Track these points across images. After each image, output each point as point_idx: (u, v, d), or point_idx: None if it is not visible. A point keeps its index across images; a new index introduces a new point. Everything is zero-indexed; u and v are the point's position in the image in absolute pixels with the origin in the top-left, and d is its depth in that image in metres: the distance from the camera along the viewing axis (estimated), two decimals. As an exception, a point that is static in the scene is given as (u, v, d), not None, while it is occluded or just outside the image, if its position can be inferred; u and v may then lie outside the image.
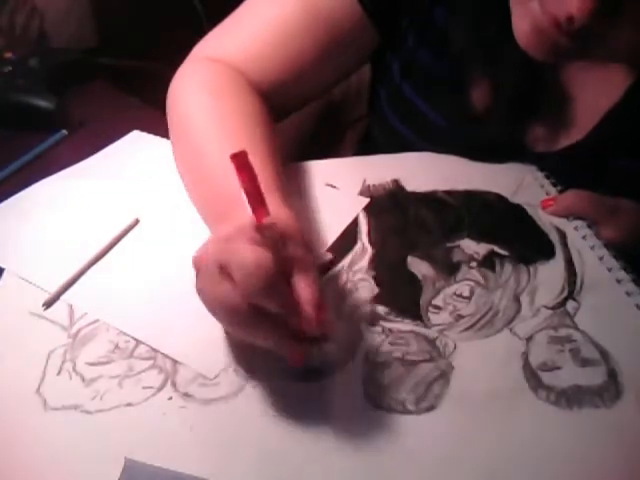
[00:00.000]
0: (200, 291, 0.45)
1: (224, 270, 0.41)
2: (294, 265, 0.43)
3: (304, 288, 0.43)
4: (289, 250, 0.43)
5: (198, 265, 0.44)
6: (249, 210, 0.43)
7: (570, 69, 0.65)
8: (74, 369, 0.49)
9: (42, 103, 0.81)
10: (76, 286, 0.56)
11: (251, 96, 0.65)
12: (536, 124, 0.67)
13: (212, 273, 0.42)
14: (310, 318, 0.42)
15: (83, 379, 0.48)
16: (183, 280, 0.55)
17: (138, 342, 0.51)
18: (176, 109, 0.66)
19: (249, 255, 0.40)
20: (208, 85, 0.65)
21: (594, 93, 0.64)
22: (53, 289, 0.55)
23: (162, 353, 0.50)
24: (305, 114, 0.87)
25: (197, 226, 0.60)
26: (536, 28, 0.50)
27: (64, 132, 0.79)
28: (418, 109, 0.70)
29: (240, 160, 0.42)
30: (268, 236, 0.42)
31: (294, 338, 0.44)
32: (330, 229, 0.60)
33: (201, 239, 0.59)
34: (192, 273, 0.53)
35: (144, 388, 0.47)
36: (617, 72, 0.63)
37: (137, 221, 0.62)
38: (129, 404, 0.46)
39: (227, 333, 0.50)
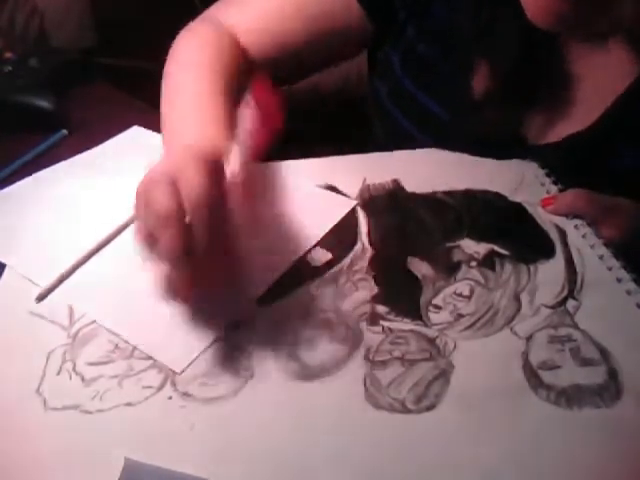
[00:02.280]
0: (142, 196, 0.48)
1: (173, 183, 0.46)
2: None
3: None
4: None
5: (147, 179, 0.48)
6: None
7: (572, 56, 0.65)
8: (74, 369, 0.49)
9: (42, 103, 0.81)
10: (74, 284, 0.56)
11: (235, 54, 0.71)
12: (537, 111, 0.67)
13: (161, 182, 0.46)
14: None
15: (83, 379, 0.48)
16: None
17: (138, 342, 0.51)
18: (171, 59, 0.72)
19: (198, 177, 0.45)
20: (201, 44, 0.71)
21: (596, 81, 0.64)
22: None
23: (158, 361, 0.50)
24: (305, 113, 0.87)
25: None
26: None
27: (64, 132, 0.80)
28: (419, 101, 0.71)
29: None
30: (213, 167, 0.46)
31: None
32: (315, 230, 0.60)
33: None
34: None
35: (144, 388, 0.47)
36: (620, 61, 0.62)
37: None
38: (129, 404, 0.46)
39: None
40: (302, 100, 0.84)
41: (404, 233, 0.60)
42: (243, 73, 0.69)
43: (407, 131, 0.72)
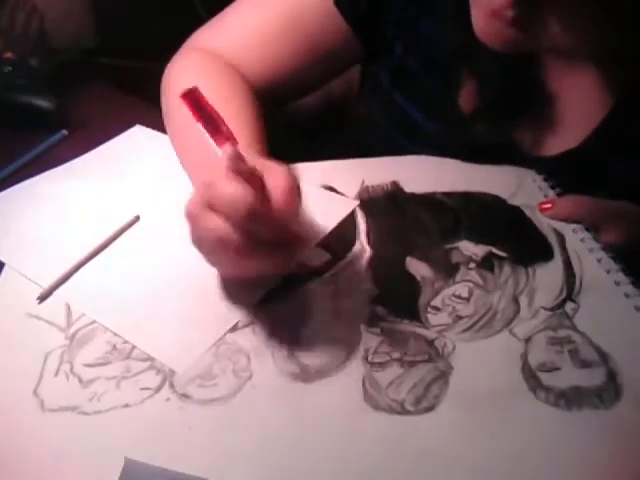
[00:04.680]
0: (195, 235, 0.48)
1: (212, 208, 0.45)
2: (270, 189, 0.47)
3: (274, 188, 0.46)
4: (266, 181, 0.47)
5: (189, 213, 0.48)
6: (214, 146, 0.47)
7: (559, 73, 0.65)
8: (71, 370, 0.49)
9: (42, 103, 0.81)
10: (75, 285, 0.56)
11: (238, 77, 0.69)
12: (526, 127, 0.67)
13: (202, 214, 0.46)
14: (279, 201, 0.45)
15: (80, 380, 0.48)
16: (184, 280, 0.55)
17: (136, 343, 0.51)
18: (165, 97, 0.70)
19: (229, 189, 0.44)
20: (199, 68, 0.69)
21: (586, 98, 0.64)
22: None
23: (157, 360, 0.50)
24: (305, 114, 0.87)
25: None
26: (487, 20, 0.53)
27: (64, 132, 0.79)
28: (409, 116, 0.71)
29: (192, 96, 0.47)
30: (243, 169, 0.46)
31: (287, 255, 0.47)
32: (318, 230, 0.60)
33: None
34: (194, 272, 0.54)
35: (142, 389, 0.47)
36: (608, 77, 0.63)
37: (138, 218, 0.62)
38: (127, 405, 0.46)
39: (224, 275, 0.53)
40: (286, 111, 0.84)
41: (403, 234, 0.60)
42: (251, 97, 0.68)
43: (398, 142, 0.72)
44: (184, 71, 0.71)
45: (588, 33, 0.52)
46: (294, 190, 0.47)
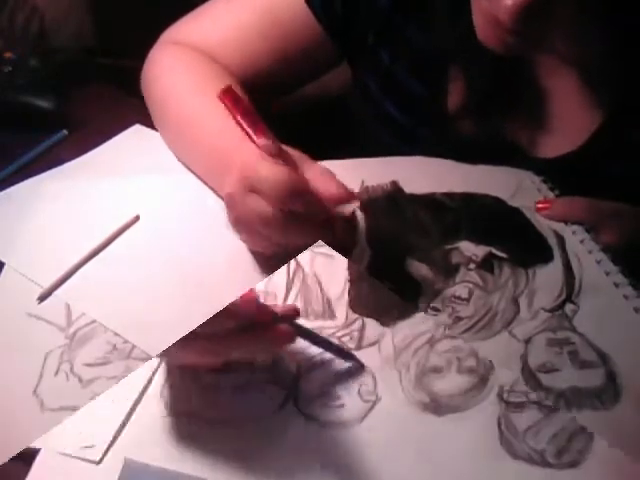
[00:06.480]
0: (236, 218, 0.52)
1: (253, 190, 0.48)
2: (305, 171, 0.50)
3: (318, 179, 0.50)
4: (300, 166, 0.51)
5: (230, 195, 0.51)
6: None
7: (553, 71, 0.65)
8: (71, 370, 0.49)
9: (42, 103, 0.81)
10: (75, 285, 0.56)
11: (226, 72, 0.69)
12: (522, 126, 0.67)
13: (243, 196, 0.49)
14: (332, 193, 0.50)
15: (80, 380, 0.48)
16: (185, 279, 0.56)
17: (136, 343, 0.51)
18: (153, 91, 0.70)
19: (271, 171, 0.48)
20: (180, 63, 0.70)
21: (583, 97, 0.64)
22: (51, 287, 0.55)
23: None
24: (303, 114, 0.87)
25: (199, 224, 0.61)
26: (488, 23, 0.53)
27: (64, 132, 0.79)
28: (400, 121, 0.71)
29: (229, 94, 0.52)
30: (281, 155, 0.50)
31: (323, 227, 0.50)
32: None
33: (204, 238, 0.59)
34: (194, 271, 0.55)
35: (142, 389, 0.47)
36: (604, 76, 0.63)
37: (137, 218, 0.62)
38: (126, 405, 0.46)
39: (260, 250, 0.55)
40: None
41: (403, 235, 0.60)
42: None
43: (393, 147, 0.72)
44: (171, 67, 0.70)
45: (588, 41, 0.52)
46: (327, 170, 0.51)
